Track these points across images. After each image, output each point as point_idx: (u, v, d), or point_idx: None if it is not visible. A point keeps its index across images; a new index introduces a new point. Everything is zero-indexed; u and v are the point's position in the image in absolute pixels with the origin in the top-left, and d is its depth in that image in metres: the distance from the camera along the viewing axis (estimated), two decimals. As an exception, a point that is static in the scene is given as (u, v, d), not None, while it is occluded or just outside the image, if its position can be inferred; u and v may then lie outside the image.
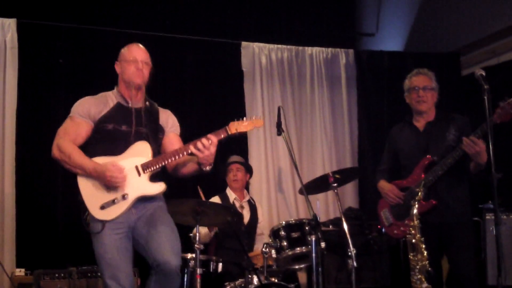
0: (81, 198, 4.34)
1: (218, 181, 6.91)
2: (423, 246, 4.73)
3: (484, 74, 4.47)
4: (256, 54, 7.95)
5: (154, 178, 4.40)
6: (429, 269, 4.67)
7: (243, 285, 5.34)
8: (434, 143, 5.23)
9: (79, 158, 4.33)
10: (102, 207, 4.28)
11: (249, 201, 6.86)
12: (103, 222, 4.28)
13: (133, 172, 4.32)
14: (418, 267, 4.68)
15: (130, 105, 4.50)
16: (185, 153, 4.31)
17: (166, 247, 4.29)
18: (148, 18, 7.59)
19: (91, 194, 4.32)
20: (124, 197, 4.28)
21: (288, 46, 8.14)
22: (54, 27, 7.06)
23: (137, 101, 4.54)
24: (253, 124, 4.43)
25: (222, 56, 7.82)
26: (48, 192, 6.87)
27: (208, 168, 4.35)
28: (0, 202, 6.63)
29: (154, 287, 4.34)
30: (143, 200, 4.38)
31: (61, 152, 4.37)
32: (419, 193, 4.86)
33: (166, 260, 4.24)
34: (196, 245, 5.11)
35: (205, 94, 7.62)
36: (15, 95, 6.80)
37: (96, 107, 4.47)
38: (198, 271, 5.10)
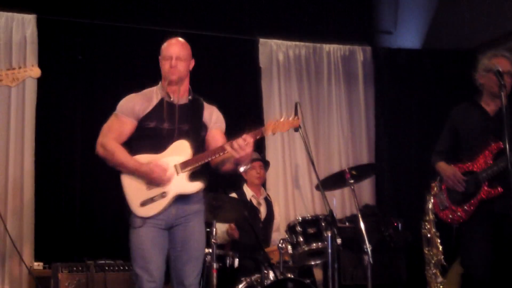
0: (124, 195, 4.40)
1: (233, 177, 6.92)
2: (439, 240, 4.71)
3: (500, 70, 4.46)
4: (274, 51, 7.97)
5: (193, 176, 4.42)
6: (444, 263, 4.67)
7: (259, 280, 5.36)
8: (506, 130, 4.70)
9: (123, 156, 4.38)
10: (142, 204, 4.33)
11: (265, 198, 6.88)
12: (143, 219, 4.34)
13: (172, 170, 4.36)
14: (433, 261, 4.68)
15: (173, 100, 4.54)
16: (221, 153, 4.32)
17: (192, 273, 4.40)
18: (166, 15, 7.60)
19: (132, 191, 4.38)
20: (163, 195, 4.32)
21: (306, 43, 8.16)
22: (74, 23, 7.11)
23: (181, 96, 4.56)
24: (290, 124, 4.42)
25: (240, 52, 7.85)
26: (67, 187, 6.92)
27: (244, 167, 4.36)
28: (19, 197, 6.69)
29: None
30: (182, 199, 4.41)
31: (105, 150, 4.42)
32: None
33: (186, 281, 4.37)
34: (212, 240, 5.14)
35: (223, 90, 7.62)
36: (34, 91, 6.85)
37: (140, 105, 4.49)
38: (215, 266, 5.13)
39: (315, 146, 7.94)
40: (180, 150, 4.38)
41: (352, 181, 5.58)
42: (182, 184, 4.36)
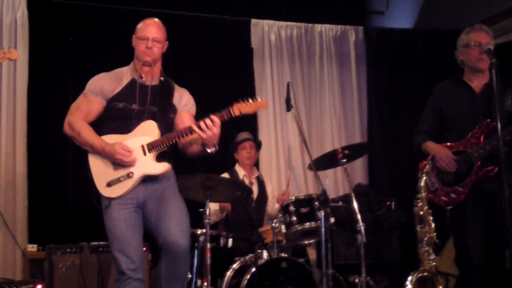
0: (90, 175, 4.42)
1: (227, 158, 6.94)
2: (431, 218, 4.67)
3: (492, 48, 4.45)
4: (266, 32, 7.94)
5: (160, 157, 4.43)
6: (437, 241, 4.67)
7: (253, 260, 5.38)
8: (497, 108, 4.51)
9: (88, 136, 4.40)
10: (109, 185, 4.36)
11: (257, 178, 6.91)
12: (109, 199, 4.36)
13: (139, 151, 4.36)
14: (425, 239, 4.66)
15: (144, 81, 4.53)
16: (188, 133, 4.31)
17: (175, 227, 4.36)
18: (159, -4, 7.59)
19: (99, 172, 4.40)
20: (129, 175, 4.34)
21: (298, 23, 8.12)
22: (65, 5, 7.04)
23: (152, 78, 4.57)
24: (256, 105, 4.37)
25: (232, 33, 7.82)
26: (59, 169, 6.91)
27: (212, 149, 4.33)
28: (12, 179, 6.67)
29: (165, 269, 4.42)
30: (150, 179, 4.43)
31: (71, 128, 4.45)
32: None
33: (175, 240, 4.32)
34: (205, 220, 5.15)
35: (214, 72, 7.61)
36: (26, 72, 6.80)
37: (109, 84, 4.51)
38: (208, 246, 5.15)
39: (307, 126, 7.94)
40: (147, 131, 4.39)
41: (344, 160, 5.59)
42: (149, 164, 4.38)
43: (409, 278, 4.55)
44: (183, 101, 4.67)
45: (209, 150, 4.33)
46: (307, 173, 7.72)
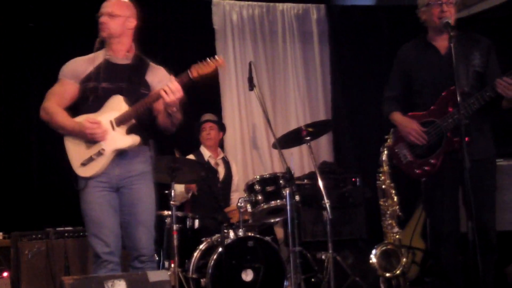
0: (67, 157, 4.41)
1: (192, 140, 6.93)
2: (393, 191, 4.70)
3: (450, 22, 4.44)
4: (227, 12, 7.91)
5: (130, 131, 4.40)
6: (400, 214, 4.70)
7: (219, 240, 5.39)
8: (461, 70, 4.51)
9: (60, 118, 4.40)
10: (83, 164, 4.34)
11: (223, 159, 6.92)
12: (86, 179, 4.34)
13: (108, 127, 4.34)
14: (389, 212, 4.70)
15: (114, 60, 4.50)
16: (154, 100, 4.30)
17: (141, 237, 4.39)
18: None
19: (74, 153, 4.40)
20: (101, 152, 4.31)
21: (259, 3, 8.09)
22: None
23: (124, 56, 4.53)
24: (214, 64, 4.30)
25: (193, 14, 7.76)
26: (23, 155, 6.85)
27: (175, 110, 4.27)
28: (-25, 166, 6.62)
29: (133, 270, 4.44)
30: (125, 158, 4.40)
31: (46, 113, 4.46)
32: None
33: (140, 252, 4.39)
34: (171, 202, 5.15)
35: (176, 53, 7.55)
36: (-15, 58, 6.73)
37: (82, 66, 4.49)
38: (175, 227, 5.15)
39: (272, 105, 7.95)
40: (115, 106, 4.36)
41: (308, 138, 5.62)
42: (118, 139, 4.35)
43: (373, 251, 4.60)
44: (158, 77, 4.57)
45: (171, 112, 4.25)
46: (273, 152, 7.72)
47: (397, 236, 4.67)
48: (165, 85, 4.19)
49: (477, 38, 4.75)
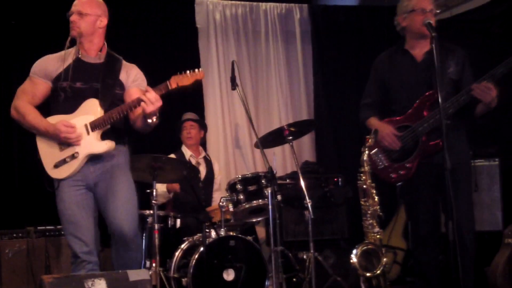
0: (39, 158, 4.37)
1: (174, 139, 6.91)
2: (374, 191, 4.69)
3: (432, 22, 4.46)
4: (210, 11, 7.91)
5: (106, 135, 4.36)
6: (380, 214, 4.71)
7: (201, 239, 5.39)
8: (437, 77, 4.40)
9: (33, 118, 4.35)
10: (56, 166, 4.31)
11: (205, 158, 6.91)
12: (58, 181, 4.32)
13: (83, 130, 4.30)
14: (369, 212, 4.69)
15: (86, 59, 4.46)
16: (131, 108, 4.27)
17: (120, 212, 4.31)
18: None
19: (46, 153, 4.36)
20: (74, 155, 4.29)
21: (242, 2, 8.10)
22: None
23: (96, 55, 4.50)
24: (194, 77, 4.30)
25: (176, 13, 7.75)
26: (4, 153, 6.82)
27: (154, 119, 4.26)
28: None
29: (116, 257, 4.40)
30: (97, 158, 4.37)
31: (17, 112, 4.40)
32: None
33: (120, 229, 4.28)
34: (153, 201, 5.14)
35: (159, 52, 7.54)
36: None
37: (53, 65, 4.43)
38: (156, 226, 5.14)
39: (254, 104, 7.96)
40: (89, 109, 4.33)
41: (290, 137, 5.62)
42: (93, 143, 4.32)
43: (354, 251, 4.59)
44: (131, 77, 4.56)
45: (150, 120, 4.25)
46: (255, 151, 7.73)
47: (378, 236, 4.67)
48: (143, 95, 4.14)
49: (452, 48, 4.81)
